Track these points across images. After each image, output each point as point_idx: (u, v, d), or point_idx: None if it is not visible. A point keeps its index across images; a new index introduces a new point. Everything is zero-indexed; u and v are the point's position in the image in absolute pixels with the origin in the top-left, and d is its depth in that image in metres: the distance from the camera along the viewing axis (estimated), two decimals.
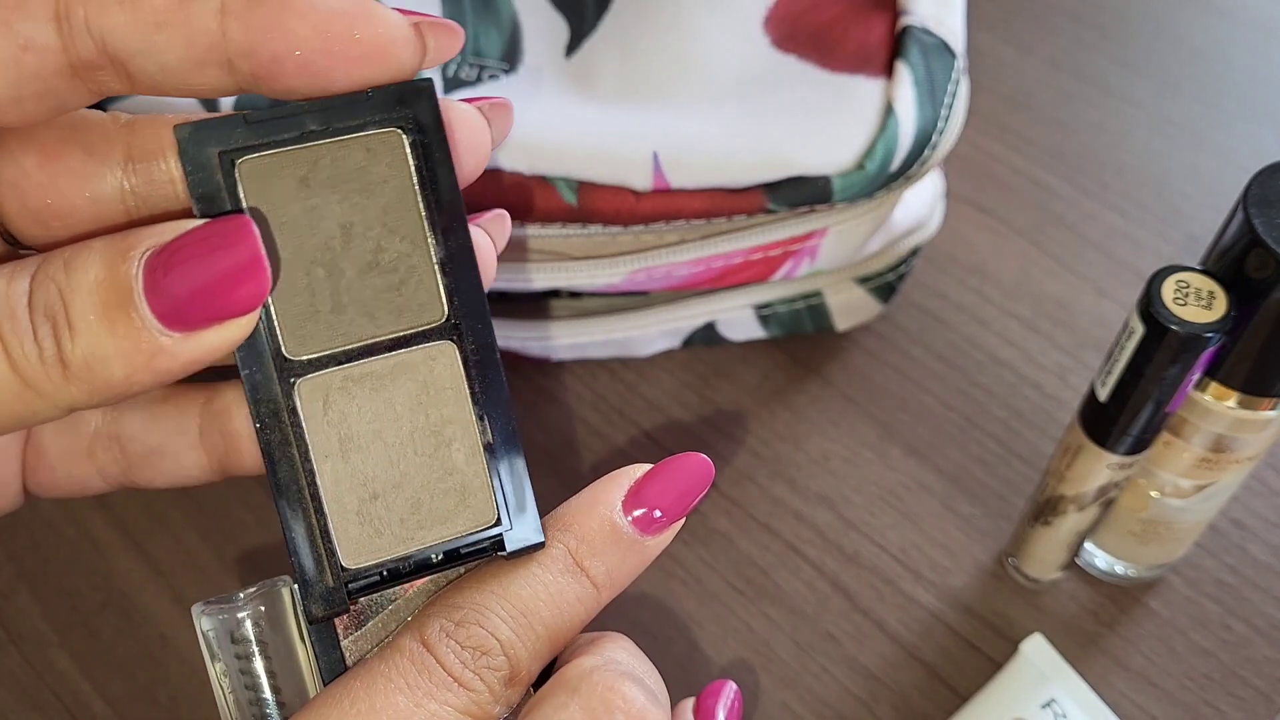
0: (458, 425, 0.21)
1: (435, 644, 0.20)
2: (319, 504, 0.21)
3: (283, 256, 0.20)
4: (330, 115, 0.20)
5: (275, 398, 0.20)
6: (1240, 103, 0.55)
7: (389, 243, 0.21)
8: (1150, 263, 0.48)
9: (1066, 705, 0.36)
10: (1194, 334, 0.30)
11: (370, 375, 0.21)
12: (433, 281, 0.21)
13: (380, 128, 0.20)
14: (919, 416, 0.44)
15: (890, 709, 0.38)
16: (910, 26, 0.38)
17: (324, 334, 0.21)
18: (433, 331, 0.21)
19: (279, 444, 0.20)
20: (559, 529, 0.22)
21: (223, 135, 0.20)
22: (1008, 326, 0.47)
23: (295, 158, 0.20)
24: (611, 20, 0.40)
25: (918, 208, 0.44)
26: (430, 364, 0.21)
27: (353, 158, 0.20)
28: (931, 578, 0.41)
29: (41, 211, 0.21)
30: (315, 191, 0.20)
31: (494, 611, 0.21)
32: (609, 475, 0.23)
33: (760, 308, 0.44)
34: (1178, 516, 0.37)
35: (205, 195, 0.20)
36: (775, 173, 0.37)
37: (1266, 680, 0.38)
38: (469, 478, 0.21)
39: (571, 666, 0.22)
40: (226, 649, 0.22)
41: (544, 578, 0.22)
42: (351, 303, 0.21)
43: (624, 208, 0.37)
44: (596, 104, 0.38)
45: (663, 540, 0.23)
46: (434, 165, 0.21)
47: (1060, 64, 0.56)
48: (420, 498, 0.21)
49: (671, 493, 0.23)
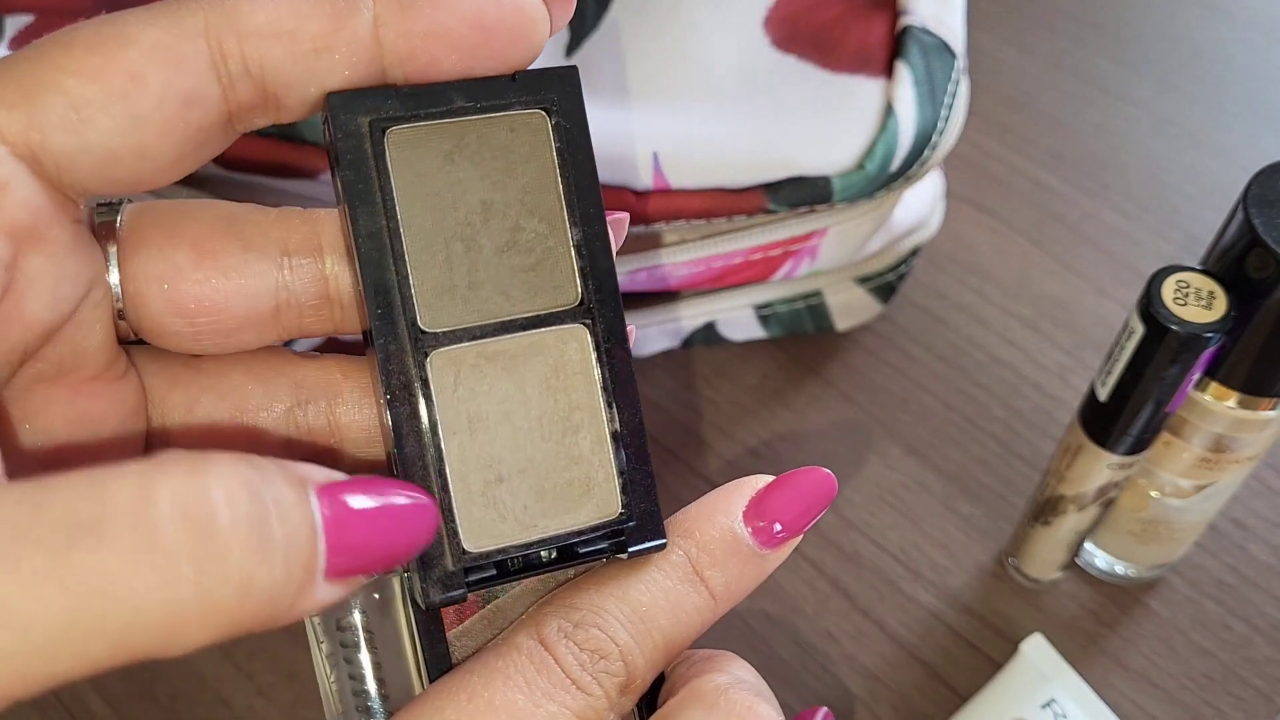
0: (586, 412, 0.21)
1: (554, 644, 0.20)
2: (444, 481, 0.20)
3: (424, 229, 0.20)
4: (478, 93, 0.20)
5: (407, 369, 0.20)
6: (1240, 102, 0.55)
7: (528, 222, 0.21)
8: (1150, 262, 0.48)
9: (1066, 705, 0.36)
10: (1194, 334, 0.30)
11: (503, 354, 0.20)
12: (569, 264, 0.21)
13: (525, 108, 0.21)
14: (919, 416, 0.44)
15: (890, 709, 0.38)
16: (910, 26, 0.38)
17: (460, 309, 0.20)
18: (566, 314, 0.21)
19: (407, 418, 0.20)
20: (679, 535, 0.22)
21: (373, 104, 0.20)
22: (1008, 326, 0.47)
23: (442, 131, 0.20)
24: (611, 20, 0.40)
25: (918, 208, 0.44)
26: (562, 347, 0.21)
27: (497, 135, 0.20)
28: (931, 577, 0.41)
29: (190, 308, 0.20)
30: (459, 166, 0.20)
31: (613, 615, 0.20)
32: (731, 484, 0.22)
33: (760, 308, 0.44)
34: (1178, 516, 0.37)
35: (352, 162, 0.20)
36: (775, 173, 0.37)
37: (1267, 680, 0.38)
38: (594, 468, 0.21)
39: (705, 682, 0.21)
40: (333, 635, 0.21)
41: (664, 584, 0.21)
42: (488, 279, 0.20)
43: (624, 208, 0.37)
44: (596, 104, 0.38)
45: (781, 555, 0.22)
46: (574, 149, 0.21)
47: (1060, 64, 0.56)
48: (545, 485, 0.21)
49: (795, 507, 0.22)
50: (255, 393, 0.22)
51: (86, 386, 0.20)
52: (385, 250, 0.20)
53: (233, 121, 0.19)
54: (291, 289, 0.21)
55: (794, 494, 0.22)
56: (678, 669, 0.22)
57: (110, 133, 0.18)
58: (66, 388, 0.20)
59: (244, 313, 0.21)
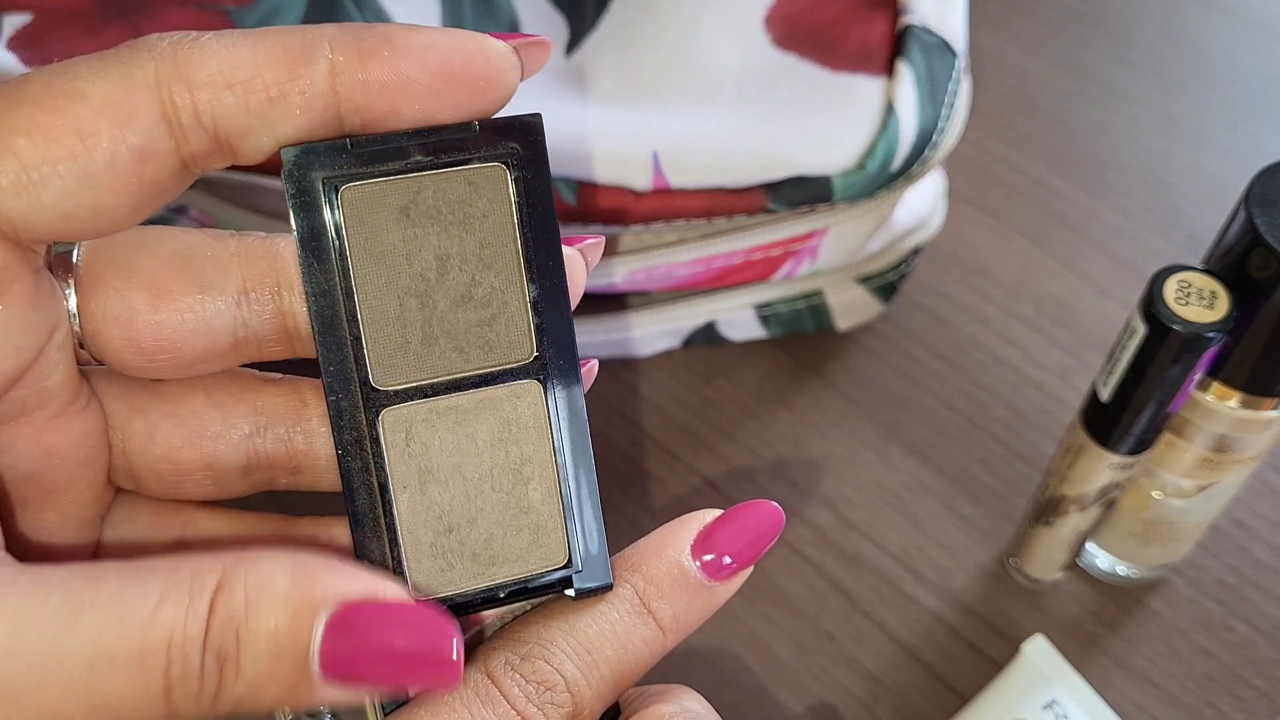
0: (536, 464, 0.21)
1: (500, 677, 0.20)
2: (394, 534, 0.21)
3: (378, 285, 0.20)
4: (436, 145, 0.20)
5: (359, 426, 0.20)
6: (1243, 102, 0.54)
7: (484, 277, 0.21)
8: (1152, 262, 0.48)
9: (1068, 706, 0.36)
10: (1196, 334, 0.30)
11: (455, 409, 0.21)
12: (524, 320, 0.21)
13: (485, 162, 0.20)
14: (920, 416, 0.44)
15: (891, 710, 0.38)
16: (911, 26, 0.38)
17: (413, 366, 0.21)
18: (520, 370, 0.21)
19: (359, 472, 0.20)
20: (627, 570, 0.22)
21: (328, 160, 0.20)
22: (1009, 326, 0.47)
23: (398, 187, 0.20)
24: (611, 19, 0.40)
25: (919, 207, 0.43)
26: (515, 401, 0.21)
27: (455, 190, 0.20)
28: (932, 578, 0.40)
29: (149, 347, 0.20)
30: (415, 221, 0.20)
31: (559, 648, 0.21)
32: (678, 519, 0.23)
33: (761, 307, 0.44)
34: (1179, 517, 0.37)
35: (305, 219, 0.20)
36: (776, 172, 0.37)
37: (1268, 681, 0.38)
38: (544, 517, 0.22)
39: (650, 712, 0.22)
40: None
41: (611, 617, 0.21)
42: (442, 335, 0.21)
43: (624, 208, 0.37)
44: (596, 103, 0.38)
45: (730, 587, 0.23)
46: (534, 202, 0.21)
47: (1062, 63, 0.56)
48: (494, 534, 0.21)
49: (742, 539, 0.23)
50: (214, 419, 0.22)
51: (51, 423, 0.21)
52: (338, 308, 0.20)
53: (188, 168, 0.19)
54: (250, 326, 0.21)
55: (741, 527, 0.23)
56: (632, 703, 0.23)
57: (63, 193, 0.18)
58: (31, 425, 0.20)
59: (202, 349, 0.21)
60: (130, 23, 0.37)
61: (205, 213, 0.38)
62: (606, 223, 0.38)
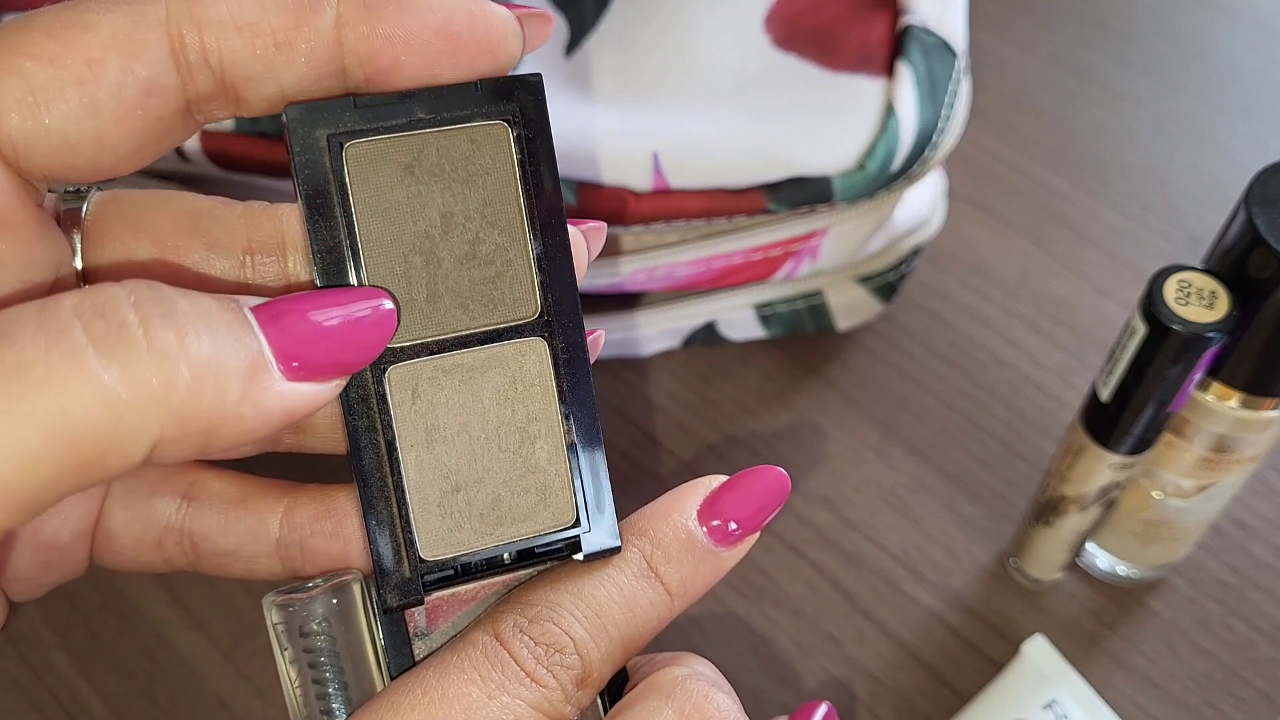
0: (543, 423, 0.21)
1: (509, 639, 0.20)
2: (401, 493, 0.20)
3: (382, 242, 0.20)
4: (439, 104, 0.20)
5: (365, 383, 0.20)
6: (1243, 102, 0.54)
7: (487, 235, 0.21)
8: (1152, 262, 0.48)
9: (1068, 706, 0.36)
10: (1196, 334, 0.30)
11: (460, 367, 0.21)
12: (528, 277, 0.21)
13: (487, 119, 0.20)
14: (920, 417, 0.44)
15: (891, 710, 0.38)
16: (911, 26, 0.38)
17: (418, 322, 0.21)
18: (525, 327, 0.21)
19: (365, 430, 0.20)
20: (634, 534, 0.22)
21: (332, 118, 0.20)
22: (1009, 326, 0.47)
23: (402, 144, 0.20)
24: (611, 19, 0.40)
25: (919, 207, 0.43)
26: (520, 359, 0.21)
27: (458, 148, 0.20)
28: (932, 578, 0.40)
29: None
30: (419, 179, 0.20)
31: (568, 610, 0.21)
32: (686, 484, 0.23)
33: (761, 307, 0.44)
34: (1179, 517, 0.37)
35: (310, 177, 0.20)
36: (775, 173, 0.37)
37: (1268, 681, 0.38)
38: (550, 477, 0.21)
39: (663, 674, 0.22)
40: (296, 642, 0.22)
41: (619, 580, 0.21)
42: (447, 293, 0.21)
43: (624, 208, 0.37)
44: (596, 104, 0.38)
45: (737, 553, 0.23)
46: (537, 160, 0.21)
47: (1062, 63, 0.56)
48: (501, 494, 0.21)
49: (749, 505, 0.23)
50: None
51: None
52: (344, 265, 0.20)
53: (192, 112, 0.19)
54: (254, 287, 0.21)
55: (747, 493, 0.23)
56: (641, 668, 0.23)
57: (67, 118, 0.18)
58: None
59: None
60: None
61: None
62: (606, 223, 0.37)
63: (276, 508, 0.23)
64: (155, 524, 0.23)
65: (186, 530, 0.23)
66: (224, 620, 0.39)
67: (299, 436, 0.23)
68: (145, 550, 0.24)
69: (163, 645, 0.39)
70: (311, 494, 0.24)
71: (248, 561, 0.24)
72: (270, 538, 0.23)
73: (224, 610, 0.39)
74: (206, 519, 0.23)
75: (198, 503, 0.23)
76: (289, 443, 0.24)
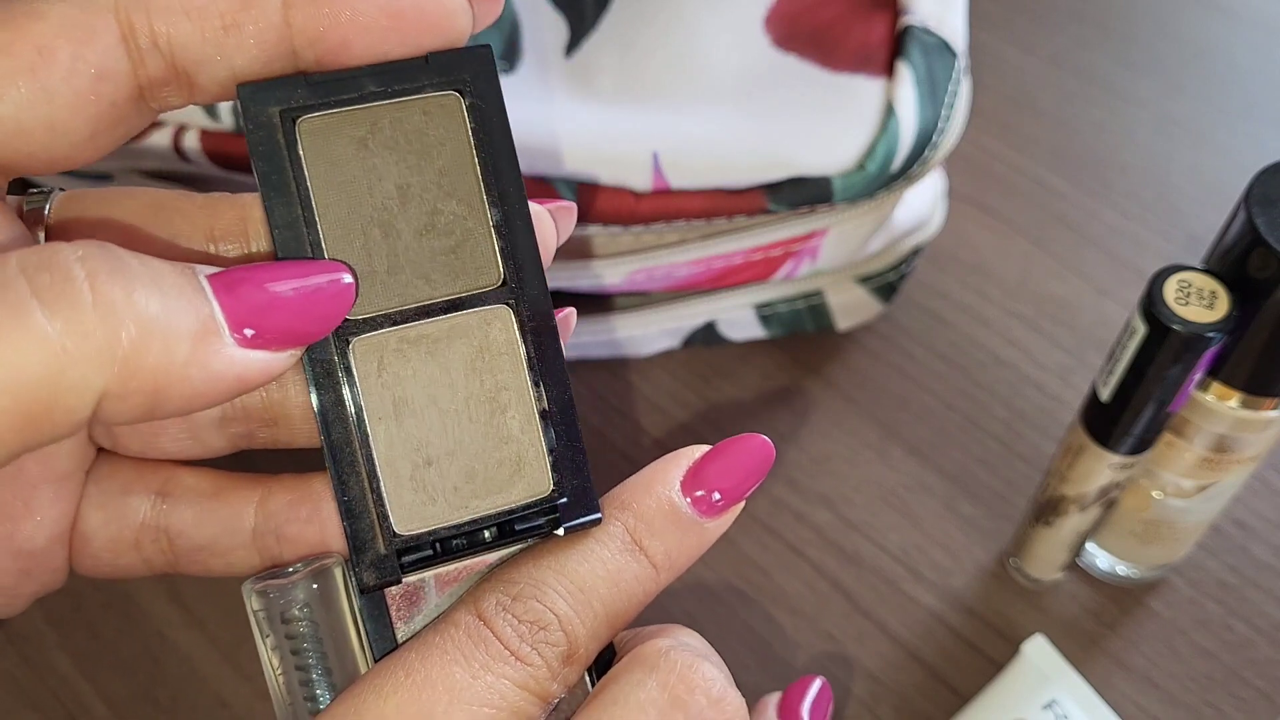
0: (513, 392, 0.21)
1: (492, 618, 0.20)
2: (372, 467, 0.20)
3: (340, 216, 0.20)
4: (390, 78, 0.20)
5: (330, 357, 0.20)
6: (1243, 102, 0.54)
7: (445, 205, 0.21)
8: (1152, 262, 0.48)
9: (1068, 706, 0.36)
10: (1196, 334, 0.30)
11: (425, 338, 0.21)
12: (489, 245, 0.21)
13: (438, 90, 0.21)
14: (920, 416, 0.44)
15: (891, 710, 0.38)
16: (911, 26, 0.38)
17: (380, 294, 0.20)
18: (489, 295, 0.21)
19: (332, 404, 0.20)
20: (616, 507, 0.22)
21: (284, 94, 0.20)
22: (1009, 326, 0.47)
23: (355, 118, 0.20)
24: (611, 20, 0.40)
25: (919, 207, 0.43)
26: (486, 328, 0.21)
27: (411, 119, 0.20)
28: (932, 578, 0.40)
29: None
30: (374, 152, 0.20)
31: (551, 587, 0.20)
32: (668, 455, 0.23)
33: (761, 307, 0.44)
34: (1179, 517, 0.37)
35: (265, 153, 0.20)
36: (775, 173, 0.37)
37: (1268, 681, 0.38)
38: (524, 447, 0.21)
39: (647, 646, 0.21)
40: (277, 628, 0.22)
41: (602, 555, 0.21)
42: (408, 264, 0.21)
43: (624, 208, 0.37)
44: (596, 104, 0.38)
45: (722, 523, 0.22)
46: (490, 129, 0.21)
47: (1062, 63, 0.56)
48: (474, 466, 0.21)
49: (732, 475, 0.22)
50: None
51: None
52: (302, 240, 0.20)
53: (146, 99, 0.19)
54: (218, 260, 0.21)
55: (730, 462, 0.22)
56: (628, 642, 0.22)
57: (19, 105, 0.18)
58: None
59: None
60: None
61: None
62: (606, 223, 0.38)
63: (251, 497, 0.23)
64: (131, 523, 0.23)
65: (163, 527, 0.23)
66: (225, 620, 0.39)
67: (273, 430, 0.23)
68: (123, 551, 0.23)
69: (164, 645, 0.39)
70: (286, 482, 0.23)
71: (225, 555, 0.23)
72: (246, 528, 0.23)
73: (225, 610, 0.39)
74: (181, 513, 0.23)
75: (172, 498, 0.23)
76: (264, 437, 0.23)
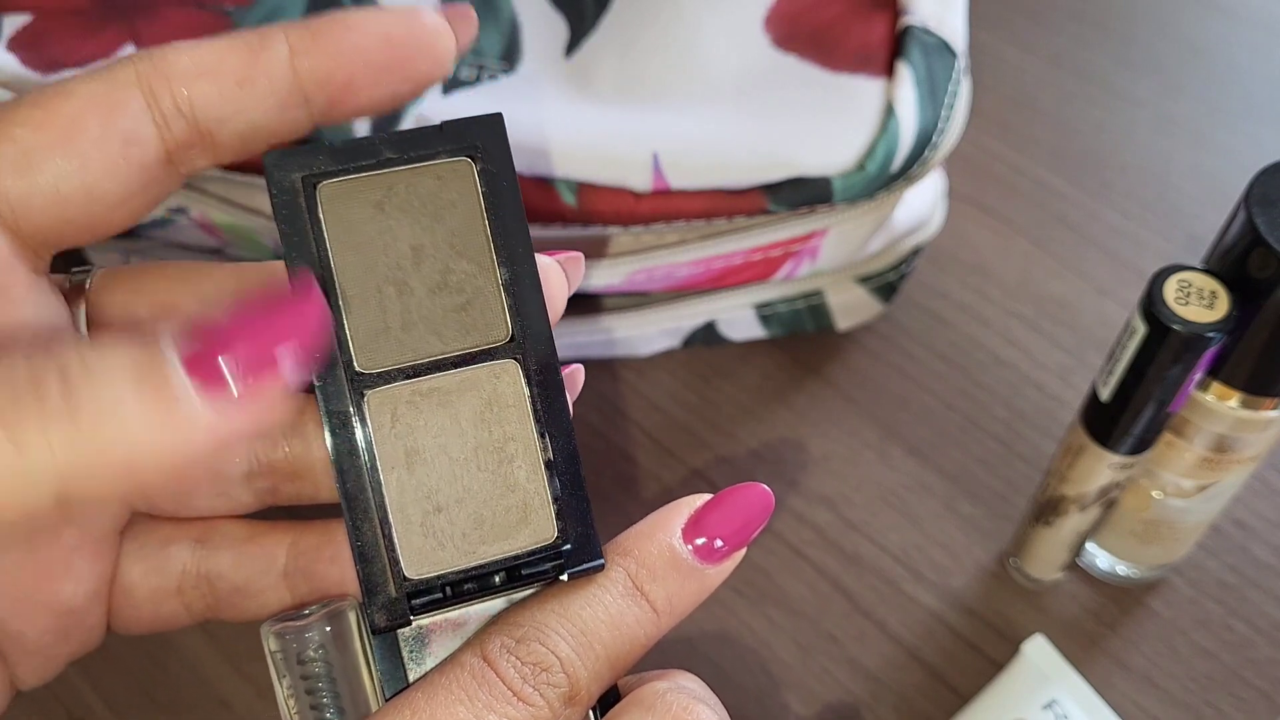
0: (520, 442, 0.22)
1: (496, 659, 0.21)
2: (384, 514, 0.21)
3: (357, 275, 0.21)
4: (406, 144, 0.22)
5: (345, 408, 0.21)
6: (1243, 102, 0.54)
7: (456, 264, 0.22)
8: (1152, 262, 0.48)
9: (1068, 706, 0.36)
10: (1196, 334, 0.30)
11: (437, 390, 0.22)
12: (498, 302, 0.22)
13: (451, 156, 0.22)
14: (920, 416, 0.44)
15: (891, 710, 0.38)
16: (911, 26, 0.38)
17: (393, 349, 0.21)
18: (497, 350, 0.22)
19: (347, 454, 0.21)
20: (619, 554, 0.23)
21: (306, 161, 0.21)
22: (1009, 326, 0.47)
23: (372, 183, 0.21)
24: (611, 20, 0.40)
25: (919, 207, 0.43)
26: (494, 381, 0.22)
27: (425, 184, 0.22)
28: (932, 578, 0.40)
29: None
30: (389, 215, 0.22)
31: (554, 630, 0.21)
32: (669, 504, 0.23)
33: (761, 307, 0.44)
34: (1179, 517, 0.37)
35: (288, 216, 0.21)
36: (775, 173, 0.37)
37: (1268, 681, 0.38)
38: (530, 495, 0.22)
39: (645, 689, 0.22)
40: (293, 669, 0.23)
41: (604, 599, 0.22)
42: (420, 320, 0.22)
43: (624, 209, 0.37)
44: (596, 104, 0.38)
45: (723, 570, 0.23)
46: (500, 192, 0.22)
47: (1062, 63, 0.56)
48: (483, 513, 0.22)
49: (732, 522, 0.23)
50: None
51: None
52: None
53: (174, 162, 0.21)
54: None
55: (730, 511, 0.23)
56: (630, 684, 0.23)
57: (57, 174, 0.20)
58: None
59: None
60: (129, 23, 0.37)
61: (204, 214, 0.38)
62: (606, 223, 0.38)
63: (284, 540, 0.25)
64: (174, 571, 0.25)
65: (203, 572, 0.25)
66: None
67: (297, 484, 0.25)
68: (165, 599, 0.25)
69: (164, 645, 0.39)
70: (315, 527, 0.25)
71: (259, 596, 0.25)
72: (278, 568, 0.25)
73: None
74: (220, 558, 0.25)
75: (210, 544, 0.25)
76: (288, 491, 0.25)
